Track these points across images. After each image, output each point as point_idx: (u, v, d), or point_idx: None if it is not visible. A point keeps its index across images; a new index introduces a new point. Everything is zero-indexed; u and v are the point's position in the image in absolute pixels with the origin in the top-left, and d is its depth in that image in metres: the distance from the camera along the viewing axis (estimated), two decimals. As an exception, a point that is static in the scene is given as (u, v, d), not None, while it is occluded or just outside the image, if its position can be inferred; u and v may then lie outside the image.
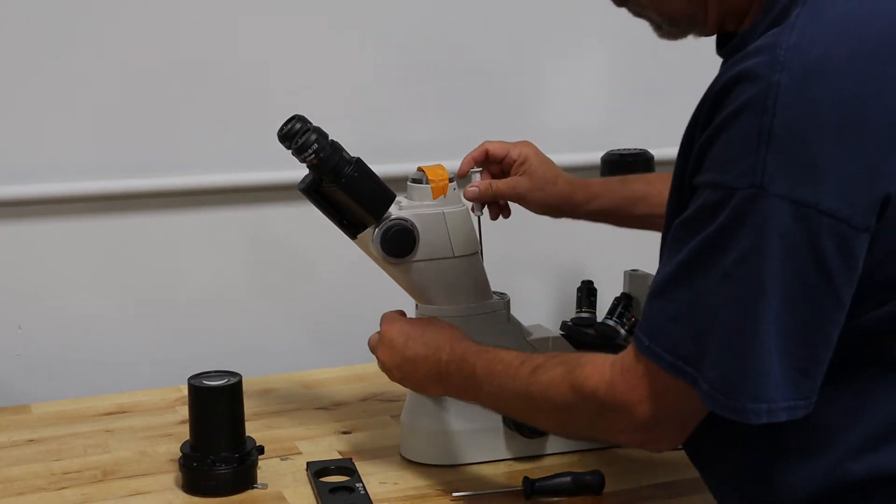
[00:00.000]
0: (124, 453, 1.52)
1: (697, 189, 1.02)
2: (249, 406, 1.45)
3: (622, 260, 1.73)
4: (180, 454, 1.40)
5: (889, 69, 0.97)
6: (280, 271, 1.95)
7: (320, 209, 1.41)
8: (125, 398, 1.73)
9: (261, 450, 1.42)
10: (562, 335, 1.55)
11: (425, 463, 1.46)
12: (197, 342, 1.87)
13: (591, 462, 1.44)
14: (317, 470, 1.42)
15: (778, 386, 0.97)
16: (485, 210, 1.49)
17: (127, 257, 1.85)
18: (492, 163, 1.48)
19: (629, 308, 1.61)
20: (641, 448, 1.16)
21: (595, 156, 1.82)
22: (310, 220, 1.56)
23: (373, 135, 1.89)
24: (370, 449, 1.51)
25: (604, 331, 1.60)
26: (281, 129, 1.35)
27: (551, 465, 1.45)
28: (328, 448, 1.52)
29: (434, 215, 1.41)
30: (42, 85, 1.76)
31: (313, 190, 1.39)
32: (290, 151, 1.35)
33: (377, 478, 1.42)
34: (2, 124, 1.75)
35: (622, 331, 1.59)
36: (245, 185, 1.88)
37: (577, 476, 1.37)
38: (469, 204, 1.46)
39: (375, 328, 1.39)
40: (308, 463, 1.45)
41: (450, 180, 1.42)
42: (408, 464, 1.47)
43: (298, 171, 1.41)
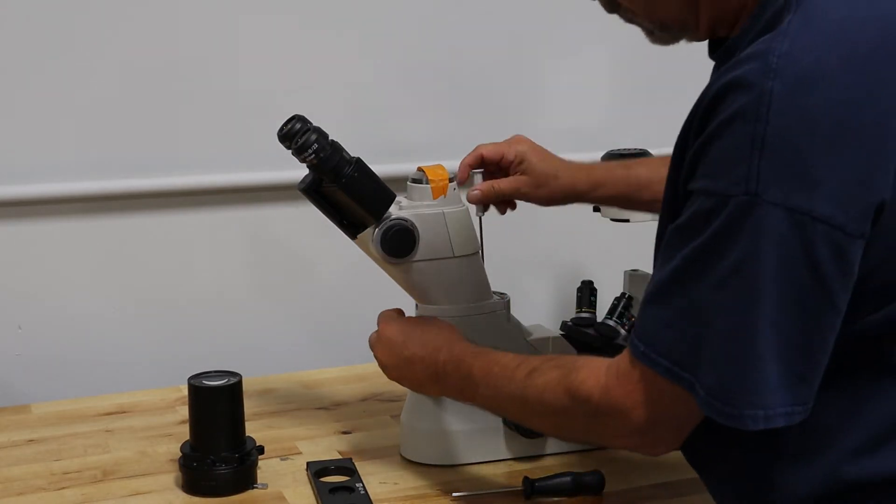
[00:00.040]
0: (124, 453, 1.52)
1: (691, 195, 1.02)
2: (249, 406, 1.45)
3: (622, 260, 1.73)
4: (180, 454, 1.40)
5: (882, 75, 0.96)
6: (280, 271, 1.95)
7: (320, 209, 1.40)
8: (125, 398, 1.73)
9: (261, 450, 1.42)
10: (562, 335, 1.55)
11: (425, 463, 1.46)
12: (197, 342, 1.87)
13: (591, 462, 1.44)
14: (317, 470, 1.42)
15: (775, 392, 0.97)
16: (489, 209, 1.49)
17: (127, 257, 1.85)
18: (489, 166, 1.48)
19: (629, 308, 1.61)
20: (636, 452, 1.16)
21: (595, 156, 1.81)
22: (310, 220, 1.56)
23: (373, 135, 1.89)
24: (370, 449, 1.51)
25: (604, 331, 1.60)
26: (281, 129, 1.35)
27: (551, 465, 1.45)
28: (328, 448, 1.52)
29: (434, 215, 1.40)
30: (42, 85, 1.76)
31: (313, 190, 1.39)
32: (290, 151, 1.35)
33: (377, 478, 1.42)
34: (2, 124, 1.75)
35: (622, 331, 1.59)
36: (245, 185, 1.88)
37: (577, 476, 1.37)
38: (471, 205, 1.46)
39: (375, 328, 1.39)
40: (308, 463, 1.45)
41: (450, 180, 1.42)
42: (408, 464, 1.47)
43: (298, 171, 1.41)
